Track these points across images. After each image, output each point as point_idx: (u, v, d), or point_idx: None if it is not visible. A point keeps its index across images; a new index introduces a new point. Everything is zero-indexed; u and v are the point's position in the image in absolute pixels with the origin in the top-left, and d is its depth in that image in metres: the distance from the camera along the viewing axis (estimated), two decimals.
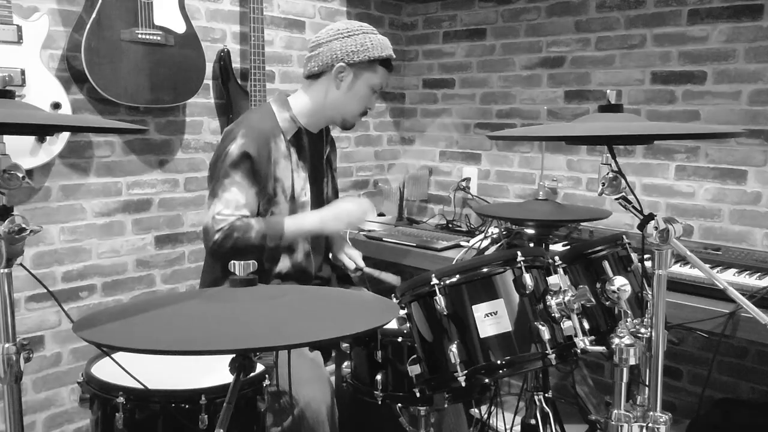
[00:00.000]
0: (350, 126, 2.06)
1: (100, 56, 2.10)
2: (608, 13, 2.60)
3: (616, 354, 1.21)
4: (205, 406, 1.39)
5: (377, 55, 1.93)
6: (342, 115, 2.00)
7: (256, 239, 1.83)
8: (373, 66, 1.94)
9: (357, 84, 1.95)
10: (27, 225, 1.09)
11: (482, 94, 3.03)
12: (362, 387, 1.58)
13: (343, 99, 1.96)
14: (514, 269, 1.34)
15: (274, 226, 1.88)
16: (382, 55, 1.94)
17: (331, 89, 1.96)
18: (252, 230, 1.84)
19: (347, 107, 1.98)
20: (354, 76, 1.94)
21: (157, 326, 0.98)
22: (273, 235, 1.87)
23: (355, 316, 1.08)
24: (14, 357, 1.11)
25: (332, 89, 1.95)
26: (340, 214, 1.95)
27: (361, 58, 1.91)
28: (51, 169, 2.18)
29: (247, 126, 1.91)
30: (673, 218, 1.21)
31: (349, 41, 1.91)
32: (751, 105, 2.29)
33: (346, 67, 1.92)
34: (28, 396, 2.20)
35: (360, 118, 2.04)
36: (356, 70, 1.93)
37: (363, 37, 1.92)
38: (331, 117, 2.02)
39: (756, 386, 2.36)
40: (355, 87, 1.95)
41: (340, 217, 1.95)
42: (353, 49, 1.91)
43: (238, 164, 1.85)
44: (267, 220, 1.89)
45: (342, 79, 1.94)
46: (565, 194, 2.78)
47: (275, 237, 1.87)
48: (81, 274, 2.29)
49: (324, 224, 1.94)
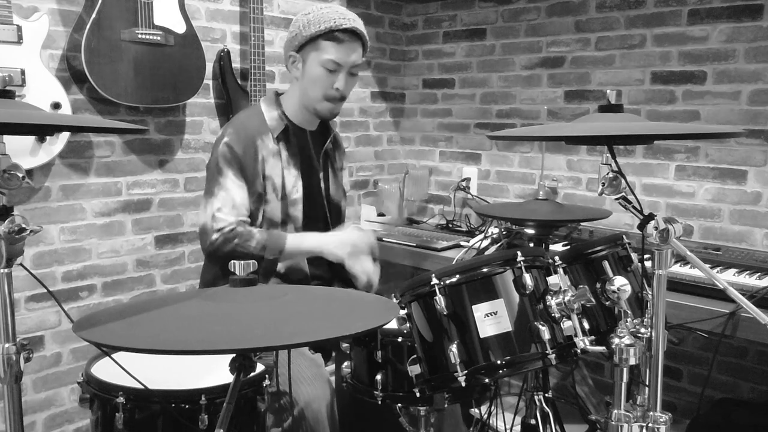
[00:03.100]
0: (325, 115, 1.96)
1: (100, 56, 2.10)
2: (608, 13, 2.60)
3: (616, 354, 1.21)
4: (205, 406, 1.39)
5: (313, 31, 1.85)
6: (310, 103, 1.93)
7: (255, 249, 1.84)
8: (315, 43, 1.87)
9: (308, 67, 1.90)
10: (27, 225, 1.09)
11: (482, 94, 3.03)
12: (362, 387, 1.57)
13: (303, 86, 1.92)
14: (514, 269, 1.34)
15: (275, 239, 1.87)
16: (320, 29, 1.84)
17: (294, 83, 1.96)
18: (253, 240, 1.84)
19: (309, 93, 1.92)
20: (302, 61, 1.90)
21: (157, 326, 0.98)
22: (273, 248, 1.86)
23: (355, 316, 1.08)
24: (14, 357, 1.11)
25: (294, 82, 1.96)
26: (343, 243, 1.93)
27: (300, 41, 1.88)
28: (51, 169, 2.18)
29: (233, 125, 1.93)
30: (673, 218, 1.21)
31: (292, 29, 1.90)
32: (751, 105, 2.29)
33: (293, 55, 1.91)
34: (28, 396, 2.20)
35: (330, 104, 1.92)
36: (302, 54, 1.90)
37: (300, 19, 1.88)
38: (306, 108, 1.96)
39: (756, 386, 2.36)
40: (307, 70, 1.90)
41: (343, 247, 1.92)
42: (293, 35, 1.90)
43: (230, 162, 1.86)
44: (270, 233, 1.89)
45: (296, 68, 1.92)
46: (565, 194, 2.78)
47: (275, 251, 1.87)
48: (81, 274, 2.29)
49: (324, 248, 1.92)
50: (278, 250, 1.87)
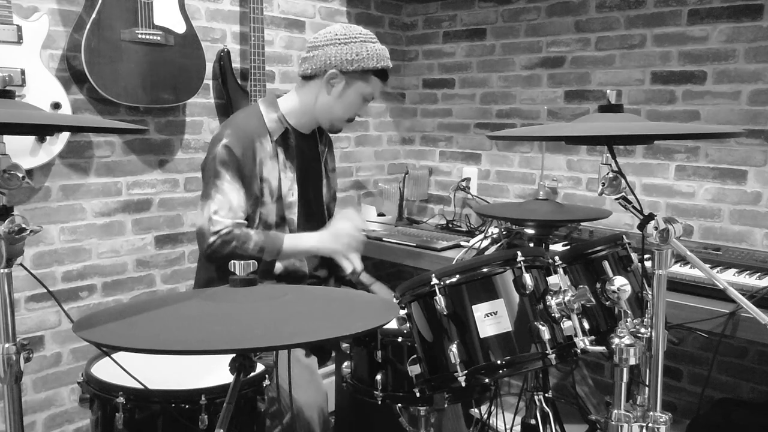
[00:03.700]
0: (337, 130, 2.05)
1: (100, 56, 2.10)
2: (608, 13, 2.60)
3: (616, 354, 1.21)
4: (205, 406, 1.39)
5: (372, 66, 1.90)
6: (330, 120, 1.99)
7: (253, 251, 1.84)
8: (366, 76, 1.92)
9: (348, 92, 1.93)
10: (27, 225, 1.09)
11: (482, 94, 3.03)
12: (362, 387, 1.57)
13: (332, 104, 1.95)
14: (514, 269, 1.34)
15: (273, 240, 1.88)
16: (378, 66, 1.91)
17: (321, 93, 1.94)
18: (250, 241, 1.84)
19: (336, 113, 1.97)
20: (346, 84, 1.92)
21: (157, 326, 0.98)
22: (271, 249, 1.87)
23: (355, 316, 1.08)
24: (14, 357, 1.11)
25: (323, 93, 1.94)
26: (337, 233, 1.93)
27: (354, 67, 1.89)
28: (51, 169, 2.18)
29: (232, 126, 1.92)
30: (673, 218, 1.21)
31: (345, 48, 1.89)
32: (751, 105, 2.29)
33: (338, 74, 1.90)
34: (28, 396, 2.20)
35: (348, 124, 2.02)
36: (348, 78, 1.91)
37: (359, 46, 1.89)
38: (318, 120, 2.01)
39: (756, 386, 2.36)
40: (346, 94, 1.93)
41: (338, 237, 1.93)
42: (348, 57, 1.88)
43: (227, 163, 1.86)
44: (267, 234, 1.90)
45: (333, 85, 1.92)
46: (565, 194, 2.78)
47: (272, 252, 1.87)
48: (81, 274, 2.29)
49: (322, 244, 1.93)
50: (276, 251, 1.87)
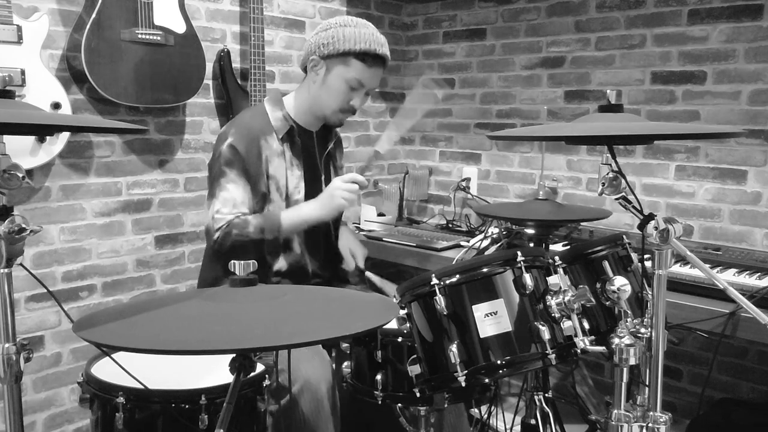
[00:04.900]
0: (335, 123, 2.01)
1: (100, 56, 2.10)
2: (608, 13, 2.60)
3: (616, 354, 1.21)
4: (205, 406, 1.39)
5: (348, 48, 1.87)
6: (321, 110, 1.97)
7: (254, 234, 1.84)
8: (345, 59, 1.89)
9: (330, 77, 1.91)
10: (27, 225, 1.09)
11: (482, 94, 3.03)
12: (362, 387, 1.58)
13: (319, 93, 1.94)
14: (514, 269, 1.34)
15: (271, 218, 1.88)
16: (354, 48, 1.87)
17: (311, 84, 1.95)
18: (249, 225, 1.84)
19: (324, 101, 1.94)
20: (327, 70, 1.91)
21: (157, 326, 0.98)
22: (271, 227, 1.86)
23: (355, 316, 1.08)
24: (14, 357, 1.11)
25: (311, 84, 1.95)
26: (331, 192, 1.88)
27: (330, 50, 1.88)
28: (51, 169, 2.18)
29: (237, 125, 1.93)
30: (673, 218, 1.21)
31: (324, 34, 1.90)
32: (751, 105, 2.29)
33: (318, 60, 1.91)
34: (28, 396, 2.20)
35: (342, 115, 1.97)
36: (328, 63, 1.91)
37: (336, 30, 1.89)
38: (314, 113, 1.99)
39: (756, 386, 2.36)
40: (329, 81, 1.92)
41: (333, 196, 1.87)
42: (324, 41, 1.89)
43: (232, 162, 1.86)
44: (264, 215, 1.90)
45: (317, 72, 1.92)
46: (565, 194, 2.78)
47: (273, 229, 1.87)
48: (81, 274, 2.29)
49: (322, 206, 1.89)
50: (276, 227, 1.87)
